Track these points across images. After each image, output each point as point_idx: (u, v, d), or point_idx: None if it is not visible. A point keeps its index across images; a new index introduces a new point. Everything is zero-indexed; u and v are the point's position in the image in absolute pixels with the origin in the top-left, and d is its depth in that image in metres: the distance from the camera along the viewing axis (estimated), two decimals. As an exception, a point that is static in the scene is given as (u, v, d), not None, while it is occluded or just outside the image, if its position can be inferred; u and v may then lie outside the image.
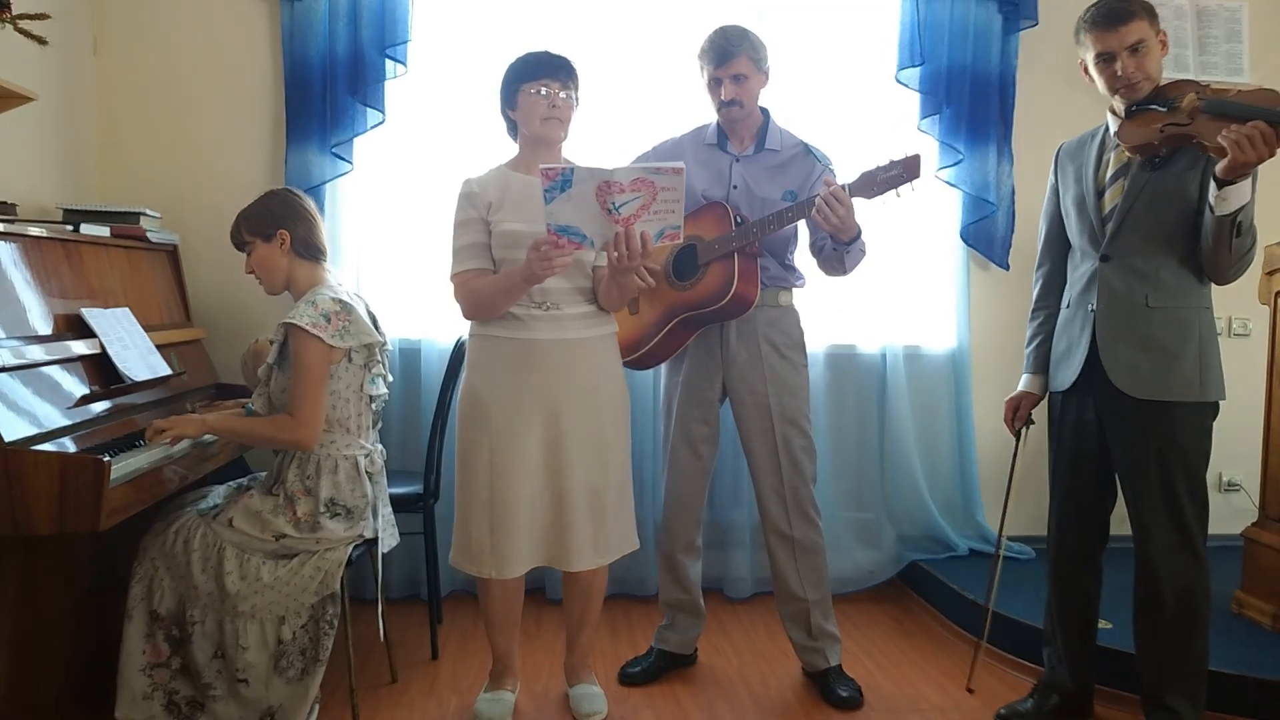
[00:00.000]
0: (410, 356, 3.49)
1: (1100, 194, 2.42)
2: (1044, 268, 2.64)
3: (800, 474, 2.78)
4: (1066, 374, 2.49)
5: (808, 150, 2.78)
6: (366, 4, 3.34)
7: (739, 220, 2.67)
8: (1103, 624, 2.67)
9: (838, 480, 3.68)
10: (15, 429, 2.04)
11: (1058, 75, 3.62)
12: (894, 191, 2.50)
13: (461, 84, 3.51)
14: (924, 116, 3.60)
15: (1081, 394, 2.47)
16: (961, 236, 3.70)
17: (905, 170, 2.47)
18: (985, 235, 3.69)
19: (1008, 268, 3.71)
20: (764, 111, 2.81)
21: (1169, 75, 2.42)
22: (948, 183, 3.65)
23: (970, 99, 3.59)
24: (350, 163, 3.41)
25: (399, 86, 3.44)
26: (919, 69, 3.56)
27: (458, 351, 3.03)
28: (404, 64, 3.38)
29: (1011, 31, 3.62)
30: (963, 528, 3.74)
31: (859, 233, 2.58)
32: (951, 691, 2.87)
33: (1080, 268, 2.48)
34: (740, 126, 2.78)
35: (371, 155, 3.50)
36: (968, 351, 3.74)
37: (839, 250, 2.62)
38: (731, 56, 2.67)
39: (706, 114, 2.87)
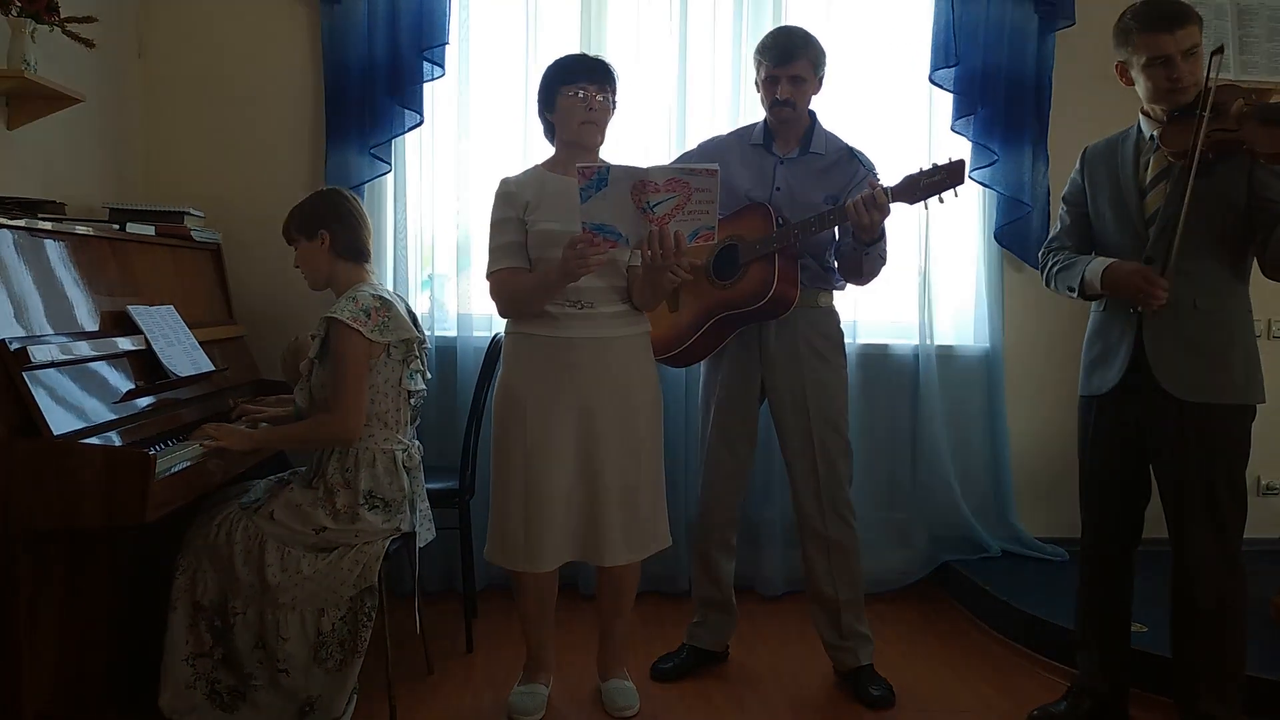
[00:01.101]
0: (446, 354, 3.53)
1: (1143, 195, 2.38)
2: (1066, 249, 2.55)
3: (836, 475, 2.78)
4: (1107, 377, 2.44)
5: (852, 155, 2.77)
6: (405, 7, 3.38)
7: (780, 222, 2.68)
8: (1137, 627, 2.65)
9: (870, 480, 3.67)
10: (63, 423, 2.09)
11: (1094, 76, 3.58)
12: (936, 197, 2.50)
13: (498, 86, 3.55)
14: (958, 117, 3.59)
15: (1121, 398, 2.43)
16: (995, 237, 3.69)
17: (949, 176, 2.46)
18: (1020, 236, 3.67)
19: (1042, 268, 3.69)
20: (811, 114, 2.81)
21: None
22: (982, 184, 3.64)
23: (1005, 100, 3.58)
24: (388, 163, 3.46)
25: (437, 89, 3.49)
26: (953, 69, 3.55)
27: (493, 349, 3.07)
28: (441, 66, 3.42)
29: (1048, 31, 3.60)
30: (995, 528, 3.73)
31: (881, 235, 2.58)
32: (984, 692, 2.86)
33: None
34: (787, 128, 2.78)
35: (409, 156, 3.54)
36: (1001, 352, 3.72)
37: (858, 251, 2.62)
38: (793, 58, 2.67)
39: (745, 116, 2.88)
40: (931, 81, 3.58)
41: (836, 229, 2.74)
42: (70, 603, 2.31)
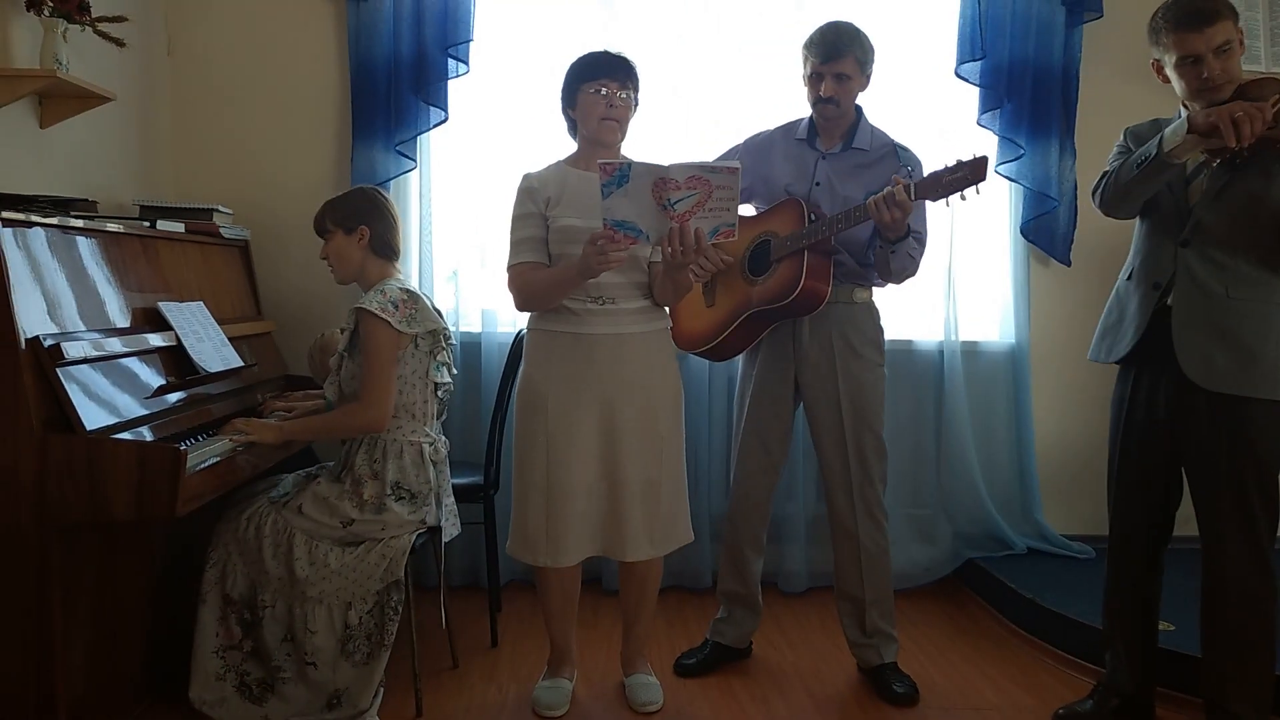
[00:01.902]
0: (471, 350, 3.55)
1: (1186, 184, 2.35)
2: None
3: (868, 474, 2.77)
4: (1119, 346, 2.44)
5: (895, 151, 2.74)
6: (430, 4, 3.40)
7: (812, 217, 2.67)
8: (1165, 626, 2.64)
9: (894, 476, 3.61)
10: (96, 418, 2.12)
11: (1122, 69, 3.56)
12: (958, 194, 2.48)
13: (522, 83, 3.55)
14: (984, 111, 3.57)
15: (1143, 379, 2.42)
16: (1022, 232, 3.66)
17: (971, 173, 2.42)
18: (1046, 231, 3.64)
19: (1069, 263, 3.66)
20: (858, 110, 2.79)
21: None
22: (1008, 178, 3.62)
23: (1032, 93, 3.55)
24: (413, 160, 3.48)
25: (461, 85, 3.50)
26: (979, 63, 3.53)
27: (517, 345, 3.08)
28: (466, 63, 3.44)
29: (1075, 24, 3.56)
30: (1021, 526, 3.71)
31: (906, 234, 2.55)
32: (1008, 690, 2.85)
33: (1151, 240, 2.42)
34: (832, 124, 2.76)
35: (434, 153, 3.56)
36: (1027, 348, 3.70)
37: (884, 249, 2.61)
38: (840, 55, 2.65)
39: (768, 113, 2.87)
40: (957, 75, 3.55)
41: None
42: (103, 594, 2.35)
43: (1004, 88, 3.54)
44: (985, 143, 3.61)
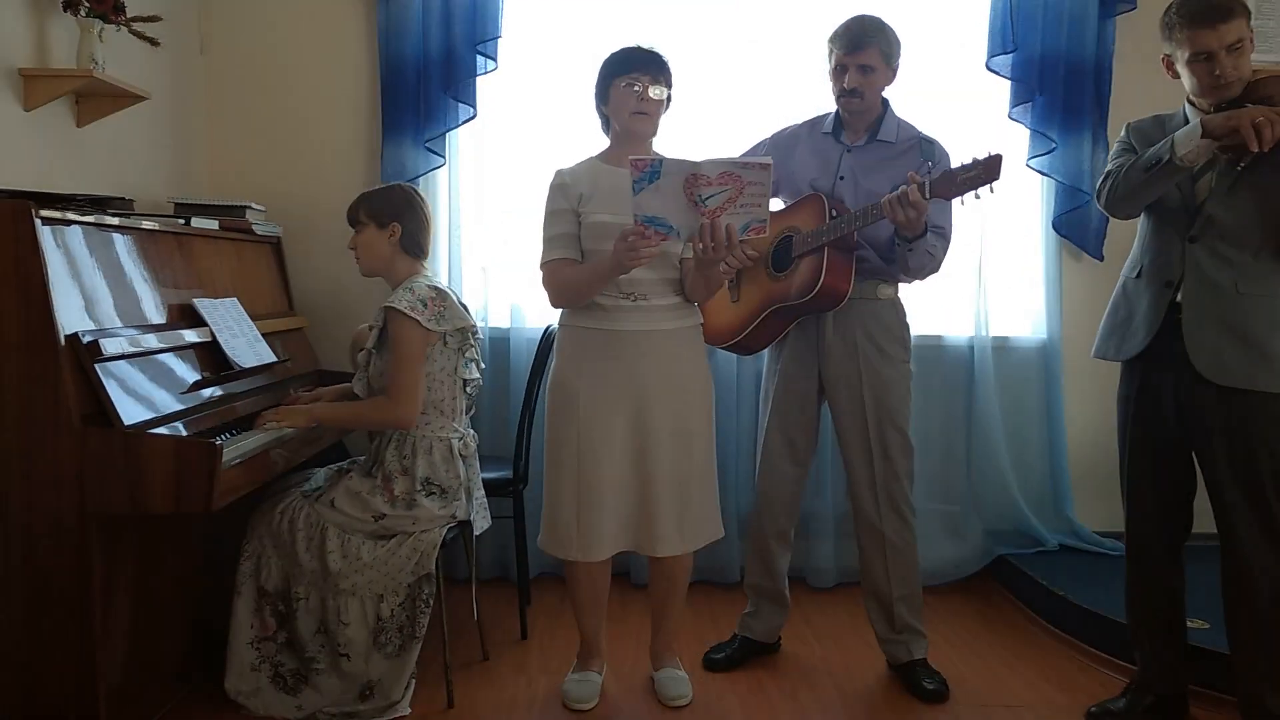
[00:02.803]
0: (500, 346, 3.57)
1: (1193, 182, 2.34)
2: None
3: (894, 471, 2.76)
4: (1129, 345, 2.43)
5: (920, 144, 2.71)
6: (459, 1, 3.42)
7: (834, 213, 2.66)
8: (1199, 624, 2.61)
9: (923, 472, 3.61)
10: (133, 413, 2.16)
11: (1156, 60, 3.47)
12: (973, 193, 2.46)
13: (550, 79, 3.57)
14: (1015, 104, 3.54)
15: (1153, 373, 2.41)
16: (1054, 227, 3.63)
17: (985, 171, 2.40)
18: (1079, 225, 3.61)
19: (1102, 258, 3.62)
20: (884, 102, 2.77)
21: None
22: (1040, 172, 3.59)
23: (1064, 86, 3.51)
24: (442, 157, 3.50)
25: (490, 82, 3.52)
26: (1010, 56, 3.50)
27: (546, 340, 3.10)
28: (495, 60, 3.45)
29: (1108, 16, 3.52)
30: (1052, 522, 3.68)
31: (924, 231, 2.53)
32: (1040, 687, 2.83)
33: (1159, 238, 2.41)
34: (858, 117, 2.75)
35: (463, 149, 3.58)
36: (1059, 343, 3.67)
37: (900, 246, 2.59)
38: (863, 46, 2.64)
39: (799, 107, 2.86)
40: (988, 68, 3.52)
41: None
42: (141, 585, 2.39)
43: (1036, 81, 3.51)
44: (1017, 136, 3.58)
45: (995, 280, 3.66)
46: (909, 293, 3.27)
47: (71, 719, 2.13)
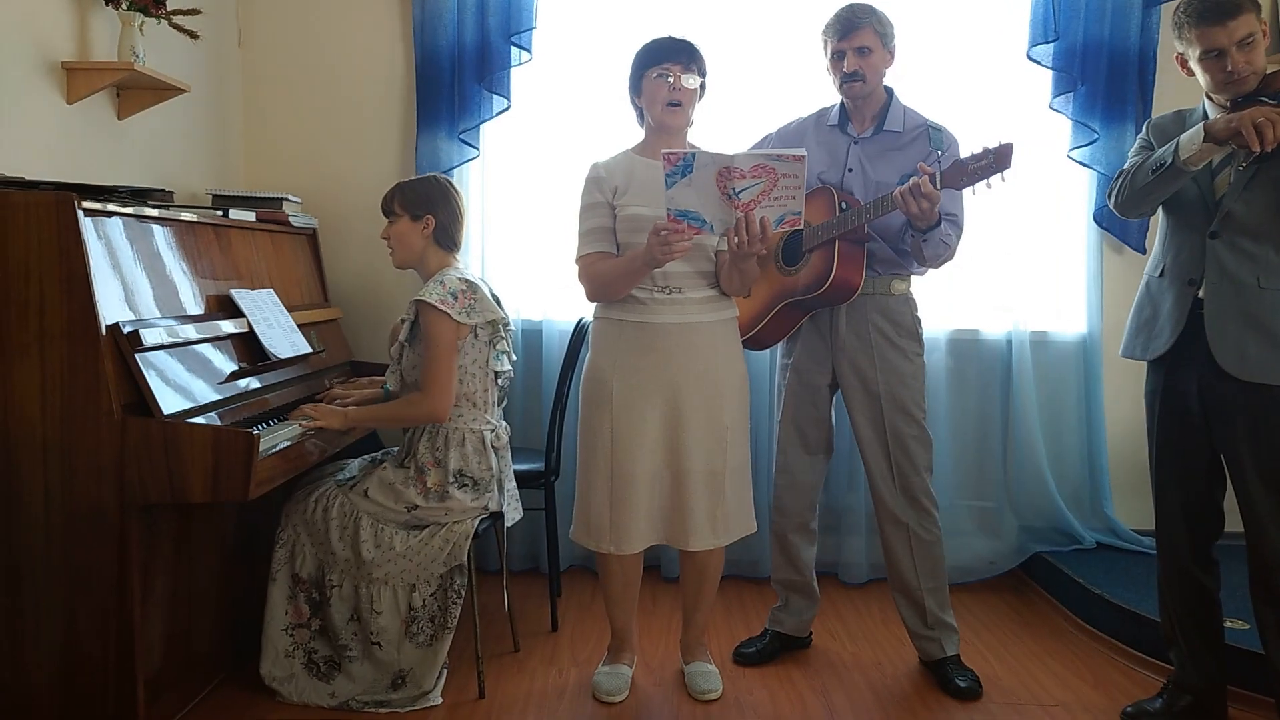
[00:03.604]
0: (532, 337, 3.58)
1: (1212, 177, 2.32)
2: None
3: (912, 463, 2.75)
4: (1155, 344, 2.41)
5: (928, 131, 2.71)
6: (493, -9, 3.42)
7: (843, 206, 2.64)
8: (1237, 624, 2.57)
9: (957, 468, 3.61)
10: (172, 403, 2.19)
11: (1202, 49, 3.44)
12: (985, 182, 2.43)
13: (584, 69, 3.56)
14: (1056, 95, 3.49)
15: (1177, 370, 2.38)
16: (1094, 219, 3.57)
17: (996, 160, 2.38)
18: (1121, 218, 3.54)
19: (1145, 251, 3.56)
20: (888, 91, 2.77)
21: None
22: (1081, 163, 3.53)
23: (1107, 76, 3.46)
24: (477, 149, 3.51)
25: (524, 73, 3.52)
26: (1052, 45, 3.44)
27: (578, 332, 3.10)
28: (529, 51, 3.45)
29: (1152, 5, 3.45)
30: (1090, 520, 3.63)
31: (938, 222, 2.52)
32: (1075, 686, 2.80)
33: (1179, 235, 2.39)
34: (863, 106, 2.74)
35: (497, 141, 3.59)
36: (1099, 338, 3.61)
37: (916, 237, 2.57)
38: (855, 28, 2.64)
39: (830, 97, 2.84)
40: (1029, 58, 3.47)
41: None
42: (179, 572, 2.42)
43: (1078, 70, 3.46)
44: (1058, 127, 3.53)
45: (1034, 274, 3.61)
46: (943, 286, 3.23)
47: (110, 704, 2.16)
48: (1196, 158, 2.22)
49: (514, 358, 2.77)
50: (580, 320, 3.13)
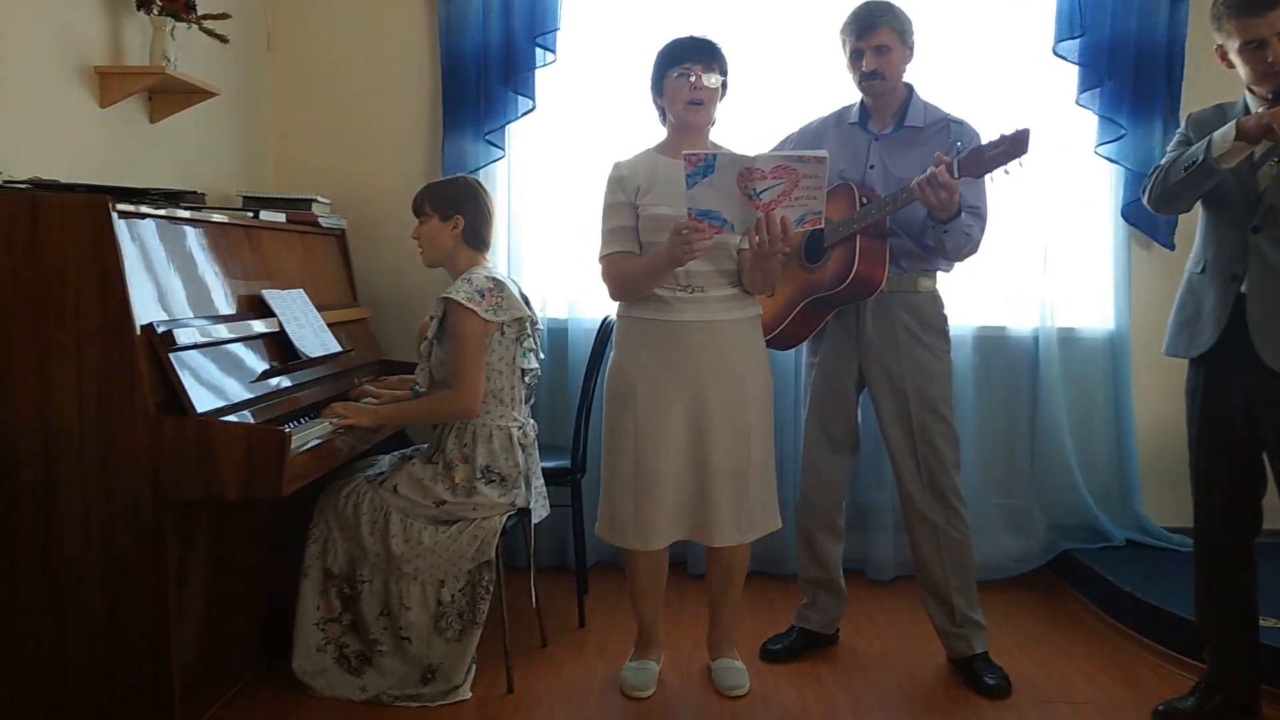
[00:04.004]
0: (558, 336, 3.60)
1: (1254, 170, 2.29)
2: None
3: (940, 460, 2.73)
4: (1199, 341, 2.38)
5: (949, 125, 2.69)
6: (518, -7, 3.44)
7: (863, 201, 2.64)
8: (1272, 622, 2.54)
9: (984, 465, 3.60)
10: (206, 402, 2.22)
11: (1232, 42, 3.41)
12: (1003, 169, 2.42)
13: (607, 70, 3.58)
14: (1083, 90, 3.47)
15: (1219, 367, 2.35)
16: (1122, 214, 3.55)
17: (1013, 146, 2.38)
18: (1149, 213, 3.44)
19: (1173, 247, 3.54)
20: (908, 87, 2.76)
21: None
22: (1108, 159, 3.51)
23: (1134, 71, 3.44)
24: (502, 149, 3.54)
25: (548, 74, 3.54)
26: (1078, 40, 3.43)
27: (603, 330, 3.11)
28: (553, 52, 3.47)
29: (1181, -1, 3.43)
30: (1120, 517, 3.60)
31: (958, 212, 2.51)
32: (1105, 684, 2.78)
33: (1221, 230, 2.36)
34: (882, 103, 2.74)
35: (521, 141, 3.61)
36: (1127, 334, 3.59)
37: (935, 229, 2.56)
38: (874, 27, 2.64)
39: (851, 96, 2.84)
40: (1055, 54, 3.45)
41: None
42: (213, 568, 2.46)
43: (1104, 66, 3.43)
44: (1085, 123, 3.51)
45: (1061, 270, 3.60)
46: (970, 282, 3.22)
47: (147, 697, 2.20)
48: (1229, 156, 2.19)
49: (541, 355, 2.79)
50: (606, 318, 3.14)
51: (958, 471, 2.78)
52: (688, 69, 2.49)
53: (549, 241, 3.66)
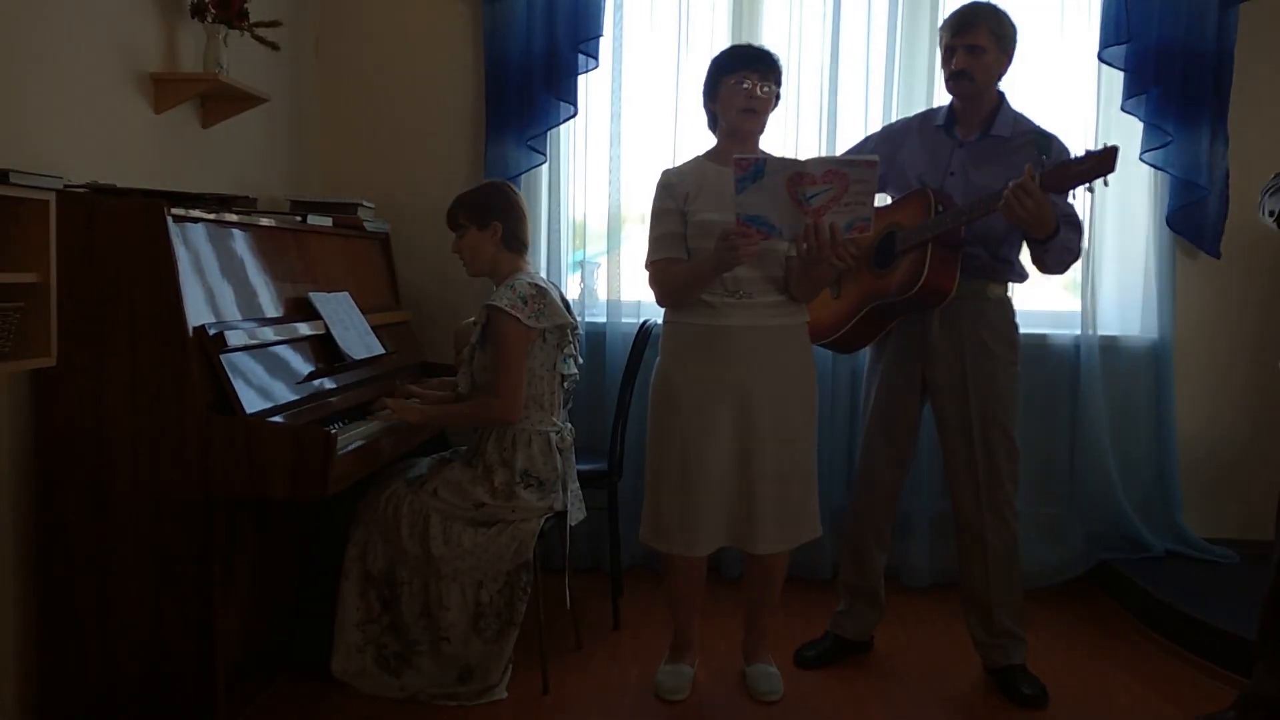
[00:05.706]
0: (596, 339, 3.62)
1: None
2: None
3: (997, 476, 2.69)
4: None
5: (1037, 138, 2.60)
6: (562, 2, 3.47)
7: (939, 209, 2.60)
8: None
9: (1023, 473, 3.54)
10: (254, 402, 2.27)
11: (1281, 51, 3.37)
12: (1086, 186, 2.39)
13: (649, 76, 3.60)
14: (1128, 96, 3.43)
15: None
16: (1167, 222, 3.51)
17: (1099, 164, 2.34)
18: (1194, 221, 3.48)
19: (1219, 255, 3.49)
20: (1000, 94, 2.70)
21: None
22: (1154, 166, 3.47)
23: (1181, 77, 3.40)
24: (544, 154, 3.57)
25: (590, 80, 3.57)
26: (1125, 46, 3.39)
27: (641, 335, 3.13)
28: (595, 58, 3.50)
29: (1229, 5, 3.38)
30: (1160, 528, 3.56)
31: (1056, 230, 2.45)
32: (1143, 696, 2.76)
33: None
34: (970, 107, 2.68)
35: (563, 146, 3.64)
36: (1171, 344, 3.54)
37: (1035, 249, 2.53)
38: (971, 25, 2.59)
39: (898, 108, 2.84)
40: (1101, 60, 3.43)
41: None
42: (258, 566, 2.51)
43: (1151, 72, 3.40)
44: (1130, 129, 3.47)
45: (1104, 277, 3.57)
46: (1011, 288, 3.19)
47: (191, 692, 2.25)
48: None
49: (580, 361, 2.81)
50: (645, 322, 3.16)
51: (1015, 486, 2.73)
52: (744, 77, 2.50)
53: (589, 246, 3.68)
